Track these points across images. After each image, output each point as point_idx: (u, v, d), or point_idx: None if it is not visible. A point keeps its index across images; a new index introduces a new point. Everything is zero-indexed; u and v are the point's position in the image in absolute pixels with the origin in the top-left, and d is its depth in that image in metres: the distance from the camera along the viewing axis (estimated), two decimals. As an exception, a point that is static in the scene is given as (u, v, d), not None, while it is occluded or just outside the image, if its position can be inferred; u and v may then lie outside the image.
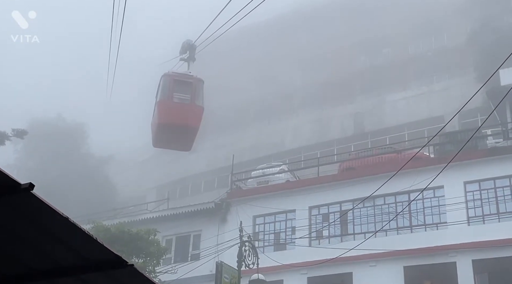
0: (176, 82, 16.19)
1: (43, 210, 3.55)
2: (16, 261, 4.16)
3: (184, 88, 16.18)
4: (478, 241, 19.76)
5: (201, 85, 16.47)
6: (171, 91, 16.08)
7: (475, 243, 19.79)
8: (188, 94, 16.14)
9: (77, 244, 3.95)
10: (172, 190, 36.85)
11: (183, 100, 16.16)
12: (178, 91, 16.18)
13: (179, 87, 16.19)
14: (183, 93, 16.17)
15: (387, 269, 20.89)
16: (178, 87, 16.18)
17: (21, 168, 34.20)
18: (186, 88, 16.17)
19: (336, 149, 34.15)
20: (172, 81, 16.17)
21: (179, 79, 16.22)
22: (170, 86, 16.11)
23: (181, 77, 16.21)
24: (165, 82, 16.29)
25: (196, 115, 16.18)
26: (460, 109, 13.06)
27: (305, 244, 22.43)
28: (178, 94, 16.19)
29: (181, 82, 16.22)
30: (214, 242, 22.83)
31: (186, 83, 16.23)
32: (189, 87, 16.18)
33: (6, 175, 3.33)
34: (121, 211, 29.97)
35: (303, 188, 23.98)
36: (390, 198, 22.14)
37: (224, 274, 18.31)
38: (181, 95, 16.19)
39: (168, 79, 16.23)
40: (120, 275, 4.21)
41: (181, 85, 16.22)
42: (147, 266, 18.47)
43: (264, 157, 34.70)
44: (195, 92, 16.18)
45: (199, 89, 16.38)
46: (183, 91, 16.17)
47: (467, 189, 21.12)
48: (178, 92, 16.18)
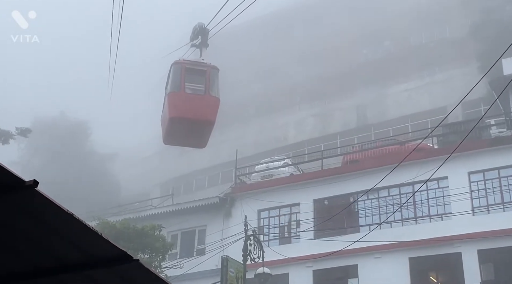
0: (188, 70, 14.34)
1: (48, 207, 3.56)
2: (21, 259, 4.18)
3: (197, 77, 14.39)
4: (483, 231, 19.76)
5: (216, 73, 14.63)
6: (182, 81, 14.25)
7: (480, 233, 19.78)
8: (202, 84, 14.40)
9: (82, 240, 3.96)
10: (177, 185, 36.92)
11: (197, 91, 14.42)
12: (191, 81, 14.37)
13: (192, 76, 14.36)
14: (196, 83, 14.42)
15: (392, 261, 20.91)
16: (190, 77, 14.34)
17: (25, 166, 34.31)
18: (200, 77, 14.38)
19: (339, 142, 34.14)
20: (184, 69, 14.31)
21: (191, 67, 14.37)
22: (182, 76, 14.27)
23: (193, 65, 14.38)
24: (176, 71, 14.46)
25: (211, 108, 14.33)
26: (462, 99, 13.02)
27: (310, 237, 22.46)
28: (191, 85, 14.42)
29: (193, 71, 14.39)
30: (219, 237, 22.89)
31: (200, 72, 14.41)
32: (203, 76, 14.40)
33: (10, 172, 3.34)
34: (126, 208, 30.06)
35: (307, 181, 24.00)
36: (394, 190, 22.14)
37: (230, 268, 18.35)
38: (194, 85, 14.44)
39: (179, 68, 14.37)
40: (125, 271, 4.23)
41: (194, 74, 14.40)
42: (153, 261, 18.55)
43: (268, 151, 34.72)
44: (209, 81, 14.42)
45: (214, 78, 14.57)
46: (196, 80, 14.40)
47: (471, 179, 21.10)
48: (190, 82, 14.37)
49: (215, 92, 14.54)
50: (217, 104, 14.43)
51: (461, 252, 20.11)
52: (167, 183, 38.53)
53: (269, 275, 18.69)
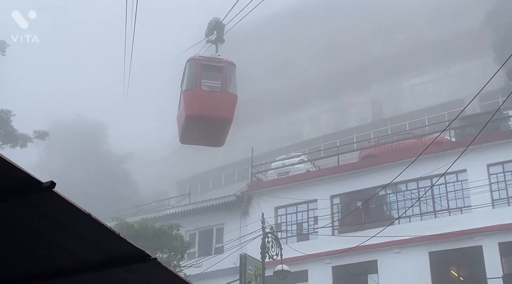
0: (204, 67, 13.90)
1: (65, 208, 3.57)
2: (40, 259, 4.20)
3: (214, 73, 13.96)
4: (504, 223, 19.54)
5: (233, 69, 14.20)
6: (198, 78, 13.81)
7: (501, 225, 19.56)
8: (219, 80, 13.93)
9: (100, 240, 3.98)
10: (193, 185, 37.02)
11: (213, 88, 13.96)
12: (207, 77, 13.95)
13: (208, 73, 13.95)
14: (212, 80, 13.98)
15: (412, 256, 20.76)
16: (206, 73, 13.93)
17: (44, 169, 34.64)
18: (216, 73, 13.94)
19: (355, 137, 33.98)
20: (199, 66, 13.86)
21: (207, 63, 13.95)
22: (197, 73, 13.82)
23: (209, 61, 13.97)
24: (191, 68, 13.99)
25: (228, 105, 13.90)
26: (480, 91, 12.87)
27: (328, 233, 22.38)
28: (207, 81, 13.97)
29: (209, 67, 13.96)
30: (237, 235, 22.91)
31: (216, 68, 13.96)
32: (220, 73, 13.93)
33: (28, 174, 3.35)
34: (143, 208, 30.22)
35: (323, 177, 23.91)
36: (412, 184, 21.98)
37: (248, 266, 18.35)
38: (211, 82, 13.99)
39: (194, 64, 13.93)
40: (144, 269, 4.23)
41: (210, 70, 13.96)
42: (172, 260, 18.62)
43: (283, 148, 34.66)
44: (226, 78, 13.96)
45: (231, 74, 14.13)
46: (212, 77, 13.97)
47: (491, 172, 20.88)
48: (206, 79, 13.94)
49: (232, 89, 14.12)
50: (235, 102, 14.02)
51: (482, 246, 19.91)
52: (184, 182, 38.68)
53: (288, 272, 18.66)
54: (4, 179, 3.38)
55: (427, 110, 33.06)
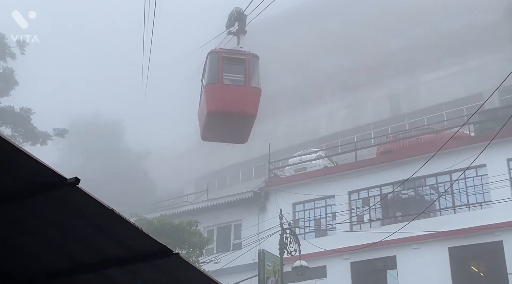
0: (225, 60, 13.19)
1: (89, 203, 3.62)
2: (64, 254, 4.26)
3: (236, 67, 13.29)
4: (525, 218, 19.33)
5: (256, 62, 13.54)
6: (220, 72, 13.09)
7: (522, 221, 19.36)
8: (242, 74, 13.26)
9: (123, 236, 4.03)
10: (211, 181, 37.13)
11: (236, 82, 13.31)
12: (229, 71, 13.26)
13: (230, 66, 13.26)
14: (235, 73, 13.30)
15: (431, 251, 20.63)
16: (228, 66, 13.22)
17: (63, 166, 34.97)
18: (239, 66, 13.28)
19: (373, 133, 33.78)
20: (221, 59, 13.13)
21: (229, 56, 13.24)
22: (219, 66, 13.09)
23: (231, 54, 13.26)
24: (212, 61, 13.25)
25: (252, 100, 13.28)
26: (500, 85, 12.74)
27: (346, 229, 22.33)
28: (229, 75, 13.28)
29: (232, 60, 13.28)
30: (255, 231, 22.95)
31: (238, 61, 13.30)
32: (242, 65, 13.27)
33: (53, 170, 3.41)
34: (162, 204, 30.41)
35: (341, 173, 23.85)
36: (431, 179, 21.82)
37: (267, 262, 18.39)
38: (233, 75, 13.32)
39: (216, 57, 13.18)
40: (166, 264, 4.28)
41: (232, 63, 13.30)
42: (191, 256, 18.73)
43: (300, 144, 34.60)
44: (249, 71, 13.29)
45: (254, 67, 13.45)
46: (235, 70, 13.30)
47: (511, 166, 20.65)
48: (228, 72, 13.26)
49: (256, 82, 13.48)
50: (258, 96, 13.39)
51: (502, 241, 19.71)
52: (201, 178, 38.80)
53: (307, 268, 18.67)
54: (30, 175, 3.44)
55: (445, 105, 32.75)
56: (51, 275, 4.44)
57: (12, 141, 3.23)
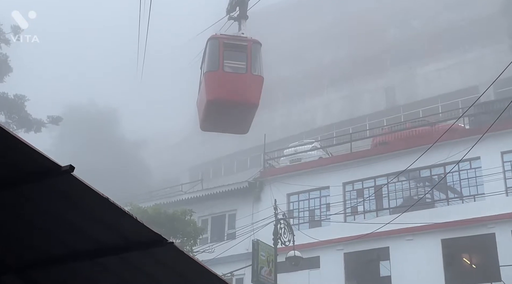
0: (226, 46, 12.61)
1: (84, 191, 3.61)
2: (58, 242, 4.26)
3: (238, 53, 12.71)
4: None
5: (259, 48, 12.95)
6: (220, 59, 12.52)
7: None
8: (243, 61, 12.68)
9: (118, 224, 4.02)
10: (206, 171, 37.14)
11: (237, 69, 12.75)
12: (230, 58, 12.69)
13: (231, 53, 12.69)
14: (236, 61, 12.74)
15: (424, 243, 20.74)
16: (229, 53, 12.66)
17: (58, 154, 34.84)
18: (240, 53, 12.69)
19: (368, 124, 33.82)
20: (222, 45, 12.55)
21: (230, 42, 12.66)
22: (219, 52, 12.51)
23: (232, 40, 12.70)
24: (212, 48, 12.69)
25: (254, 88, 12.72)
26: (496, 79, 12.72)
27: (340, 220, 22.41)
28: (230, 62, 12.72)
29: (233, 46, 12.70)
30: (249, 221, 23.00)
31: (240, 47, 12.72)
32: (244, 52, 12.68)
33: (48, 158, 3.39)
34: (156, 193, 30.39)
35: (336, 164, 23.89)
36: (425, 171, 21.89)
37: (261, 252, 18.45)
38: (234, 63, 12.76)
39: (216, 43, 12.62)
40: (160, 253, 4.28)
41: (234, 49, 12.72)
42: (185, 246, 18.75)
43: (296, 135, 34.59)
44: (251, 58, 12.68)
45: (257, 54, 12.86)
46: (236, 57, 12.74)
47: (505, 159, 20.74)
48: (230, 59, 12.68)
49: (258, 70, 12.89)
50: (261, 84, 12.83)
51: (495, 233, 19.84)
52: (196, 168, 38.79)
53: (300, 258, 18.74)
54: (25, 162, 3.42)
55: (441, 97, 32.78)
56: (45, 263, 4.43)
57: (6, 127, 3.21)
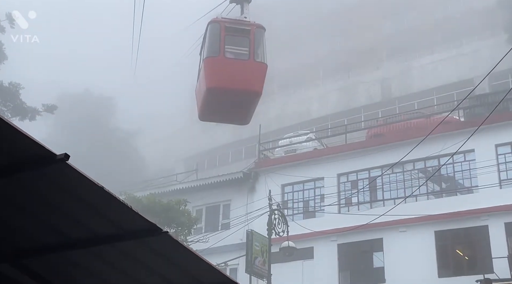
0: (228, 30, 11.78)
1: (79, 180, 3.61)
2: (53, 230, 4.26)
3: (240, 38, 11.92)
4: (511, 204, 19.53)
5: (262, 33, 12.11)
6: (222, 44, 11.72)
7: (508, 206, 19.56)
8: (246, 47, 11.88)
9: (112, 213, 4.03)
10: (200, 161, 37.15)
11: (239, 55, 11.95)
12: (232, 43, 11.91)
13: (233, 38, 11.90)
14: (238, 46, 11.96)
15: (418, 234, 20.85)
16: (231, 38, 11.87)
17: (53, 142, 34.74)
18: (243, 38, 11.90)
19: (364, 116, 33.87)
20: (223, 29, 11.72)
21: (233, 26, 11.84)
22: (221, 37, 11.70)
23: (234, 24, 11.87)
24: (213, 32, 11.85)
25: (257, 76, 11.94)
26: (490, 71, 12.76)
27: (334, 211, 22.49)
28: (232, 48, 11.95)
29: (235, 31, 11.88)
30: (243, 211, 23.05)
31: (243, 32, 11.90)
32: (247, 37, 11.87)
33: (43, 146, 3.39)
34: (151, 183, 30.38)
35: (331, 155, 23.93)
36: (420, 163, 21.96)
37: (255, 242, 18.52)
38: (236, 48, 11.98)
39: (217, 27, 11.78)
40: (154, 243, 4.30)
41: (236, 34, 11.92)
42: (179, 235, 18.80)
43: (291, 126, 34.62)
44: (254, 43, 11.86)
45: (260, 39, 12.04)
46: (238, 43, 11.95)
47: (499, 152, 20.82)
48: (231, 44, 11.90)
49: (262, 57, 12.10)
50: (264, 72, 12.00)
51: (488, 225, 19.95)
52: (191, 158, 38.79)
53: (294, 248, 18.81)
54: (19, 150, 3.42)
55: (436, 90, 32.85)
56: (39, 251, 4.44)
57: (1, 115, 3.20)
